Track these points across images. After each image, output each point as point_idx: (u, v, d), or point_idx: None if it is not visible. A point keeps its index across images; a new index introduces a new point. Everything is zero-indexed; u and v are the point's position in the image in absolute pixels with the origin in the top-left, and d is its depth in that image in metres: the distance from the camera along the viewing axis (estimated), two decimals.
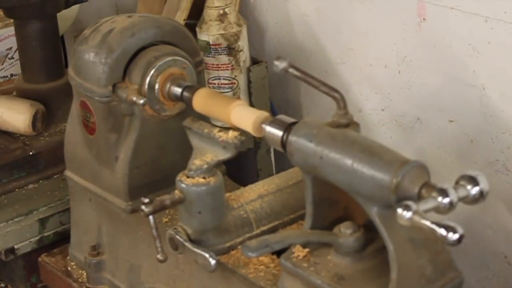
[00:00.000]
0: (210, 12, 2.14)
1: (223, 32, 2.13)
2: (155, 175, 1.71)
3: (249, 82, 2.19)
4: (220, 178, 1.55)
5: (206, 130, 1.57)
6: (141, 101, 1.61)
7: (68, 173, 1.85)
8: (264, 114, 1.45)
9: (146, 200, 1.49)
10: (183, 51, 1.70)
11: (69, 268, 1.87)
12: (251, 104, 2.19)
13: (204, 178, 1.53)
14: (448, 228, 1.10)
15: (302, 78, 1.39)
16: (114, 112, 1.68)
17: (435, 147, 1.91)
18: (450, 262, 1.33)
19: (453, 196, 1.14)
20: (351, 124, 1.36)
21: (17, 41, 2.23)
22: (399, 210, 1.13)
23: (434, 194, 1.16)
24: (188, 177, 1.53)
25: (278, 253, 1.45)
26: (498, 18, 1.67)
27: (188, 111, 1.66)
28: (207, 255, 1.48)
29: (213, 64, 2.15)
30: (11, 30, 2.34)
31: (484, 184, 1.17)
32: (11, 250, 1.98)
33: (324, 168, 1.31)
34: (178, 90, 1.63)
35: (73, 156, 1.83)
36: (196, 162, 1.54)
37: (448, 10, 1.77)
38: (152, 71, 1.64)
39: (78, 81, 1.71)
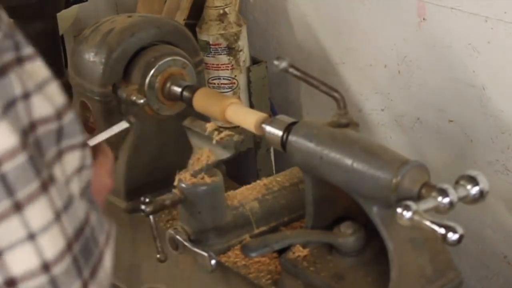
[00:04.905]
0: (210, 12, 2.14)
1: (223, 32, 2.13)
2: (154, 175, 1.71)
3: (249, 82, 2.19)
4: (220, 178, 1.55)
5: (206, 130, 1.57)
6: (141, 101, 1.61)
7: None
8: (263, 115, 1.45)
9: (146, 200, 1.50)
10: (183, 51, 1.70)
11: None
12: (251, 104, 2.19)
13: (204, 178, 1.53)
14: (448, 228, 1.10)
15: (302, 78, 1.39)
16: (114, 112, 1.68)
17: (435, 147, 1.91)
18: (450, 262, 1.33)
19: (453, 196, 1.14)
20: (351, 124, 1.36)
21: None
22: (399, 210, 1.13)
23: (434, 194, 1.16)
24: (188, 177, 1.53)
25: (278, 253, 1.45)
26: (498, 18, 1.67)
27: (188, 111, 1.66)
28: (207, 255, 1.48)
29: (213, 64, 2.15)
30: None
31: (484, 184, 1.17)
32: None
33: (324, 168, 1.31)
34: (178, 90, 1.63)
35: None
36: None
37: (448, 10, 1.77)
38: (152, 71, 1.64)
39: (78, 81, 1.71)
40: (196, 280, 1.58)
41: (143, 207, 1.49)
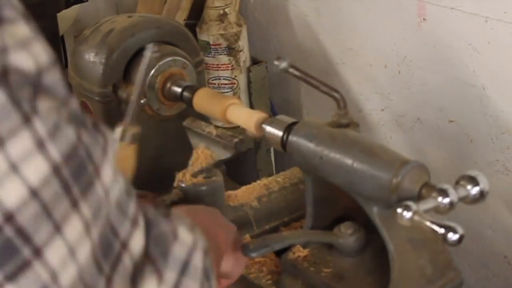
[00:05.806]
0: (210, 12, 2.14)
1: (223, 32, 2.13)
2: (154, 175, 1.71)
3: (249, 82, 2.19)
4: (220, 178, 1.55)
5: (206, 130, 1.57)
6: (141, 101, 1.61)
7: None
8: (263, 115, 1.45)
9: None
10: (183, 51, 1.70)
11: None
12: (251, 104, 2.19)
13: (204, 178, 1.53)
14: (448, 228, 1.10)
15: (302, 78, 1.39)
16: (114, 112, 1.68)
17: (435, 147, 1.91)
18: (450, 262, 1.33)
19: (453, 196, 1.14)
20: (351, 124, 1.36)
21: None
22: (399, 210, 1.13)
23: (434, 194, 1.16)
24: (188, 177, 1.53)
25: (278, 253, 1.45)
26: (498, 18, 1.67)
27: (188, 111, 1.66)
28: None
29: (213, 64, 2.15)
30: None
31: (484, 184, 1.17)
32: None
33: (324, 168, 1.31)
34: (178, 90, 1.63)
35: None
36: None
37: (448, 10, 1.77)
38: (152, 71, 1.64)
39: (78, 81, 1.71)
40: None
41: None
